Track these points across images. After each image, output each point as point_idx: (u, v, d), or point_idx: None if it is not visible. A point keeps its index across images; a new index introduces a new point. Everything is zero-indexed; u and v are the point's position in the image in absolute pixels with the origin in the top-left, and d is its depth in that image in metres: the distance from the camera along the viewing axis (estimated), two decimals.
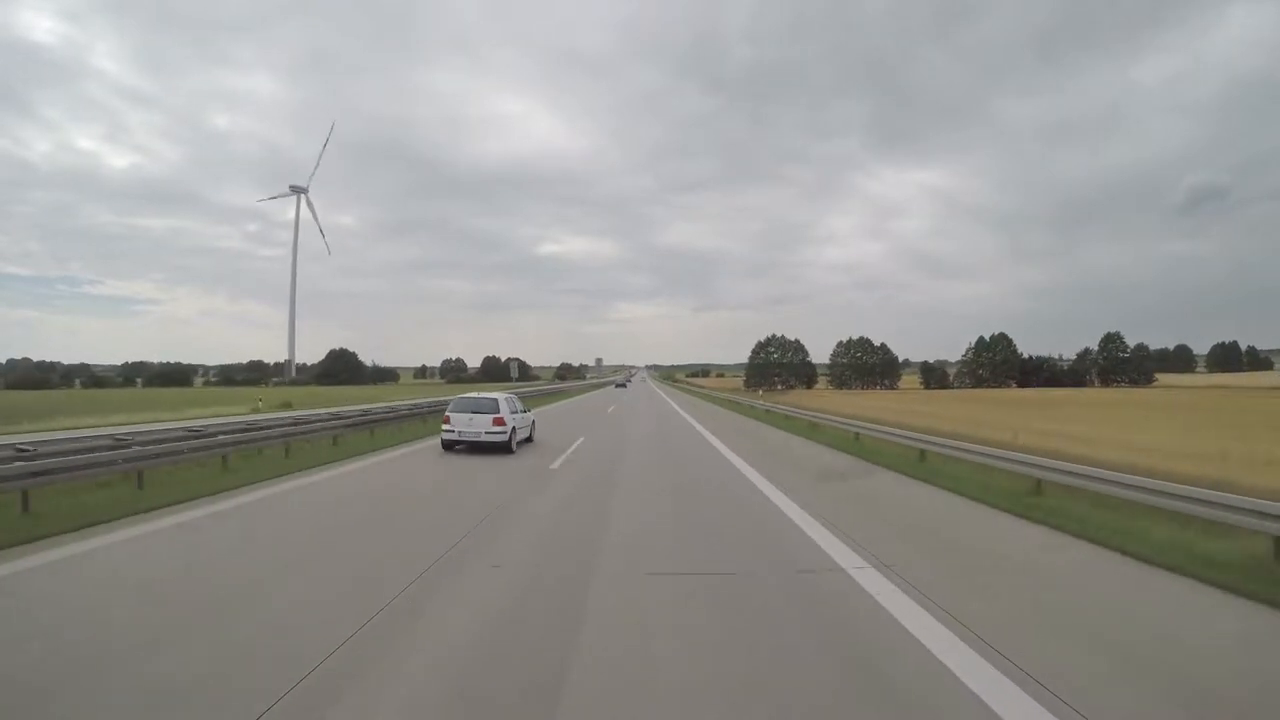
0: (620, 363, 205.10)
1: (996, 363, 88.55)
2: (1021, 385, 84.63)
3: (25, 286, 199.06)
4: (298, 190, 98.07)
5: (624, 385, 67.05)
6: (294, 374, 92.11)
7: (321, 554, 4.16)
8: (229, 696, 2.22)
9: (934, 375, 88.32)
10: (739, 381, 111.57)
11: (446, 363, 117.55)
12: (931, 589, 3.42)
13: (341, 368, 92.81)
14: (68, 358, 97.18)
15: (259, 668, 2.46)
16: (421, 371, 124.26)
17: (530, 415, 11.75)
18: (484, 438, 9.33)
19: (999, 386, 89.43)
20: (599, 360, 67.22)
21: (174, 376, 79.81)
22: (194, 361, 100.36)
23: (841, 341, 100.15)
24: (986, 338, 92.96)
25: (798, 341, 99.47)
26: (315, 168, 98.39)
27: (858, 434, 11.79)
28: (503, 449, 9.31)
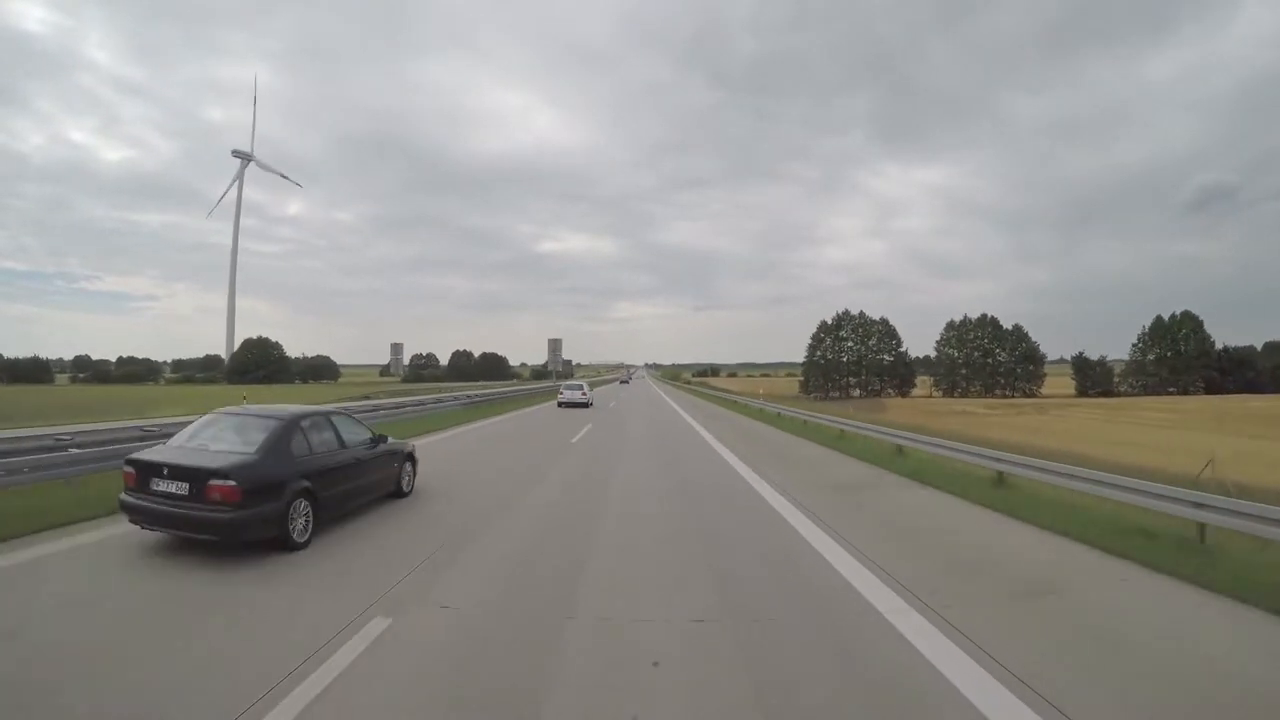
0: (620, 360, 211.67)
1: (1185, 357, 62.41)
2: (1211, 390, 63.98)
3: (22, 282, 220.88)
4: (241, 156, 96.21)
5: (627, 382, 76.40)
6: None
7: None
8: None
9: (1090, 375, 63.25)
10: (771, 383, 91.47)
11: (416, 358, 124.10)
12: None
13: (257, 362, 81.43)
14: (67, 354, 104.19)
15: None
16: (388, 368, 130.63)
17: (593, 392, 27.97)
18: (577, 400, 23.74)
19: (1184, 391, 65.93)
20: (555, 344, 42.80)
21: (26, 373, 63.38)
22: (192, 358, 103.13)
23: (952, 323, 74.18)
24: (1165, 318, 69.86)
25: (884, 322, 73.83)
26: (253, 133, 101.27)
27: None
28: (585, 405, 23.36)
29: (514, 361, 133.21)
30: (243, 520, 4.21)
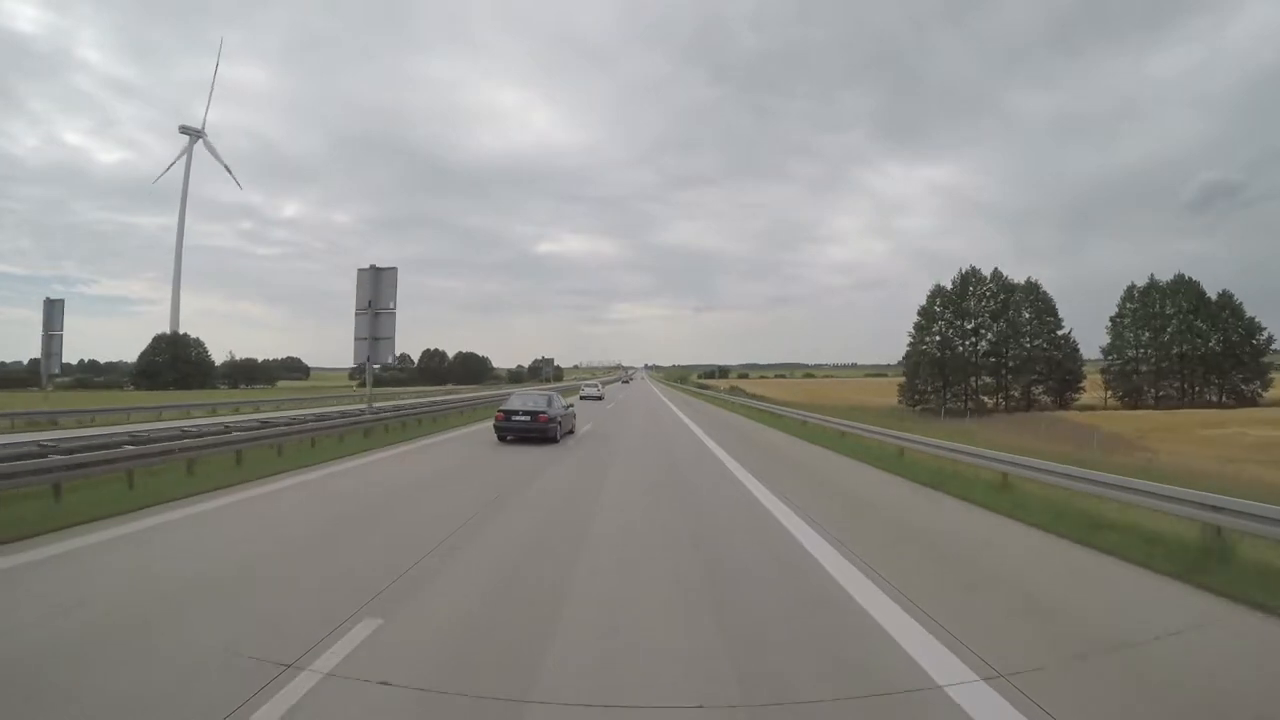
0: (618, 362, 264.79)
1: None
2: None
3: (20, 285, 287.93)
4: (190, 132, 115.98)
5: (628, 382, 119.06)
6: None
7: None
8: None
9: None
10: (838, 387, 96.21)
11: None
12: None
13: (169, 363, 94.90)
14: (69, 358, 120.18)
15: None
16: (359, 370, 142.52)
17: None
18: (594, 394, 52.29)
19: None
20: (372, 277, 16.22)
21: None
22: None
23: (1132, 290, 74.18)
24: None
25: (1033, 287, 72.00)
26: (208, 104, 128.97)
27: None
28: (599, 399, 51.32)
29: (510, 363, 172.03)
30: (547, 428, 17.80)
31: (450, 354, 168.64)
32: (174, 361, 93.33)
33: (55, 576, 6.47)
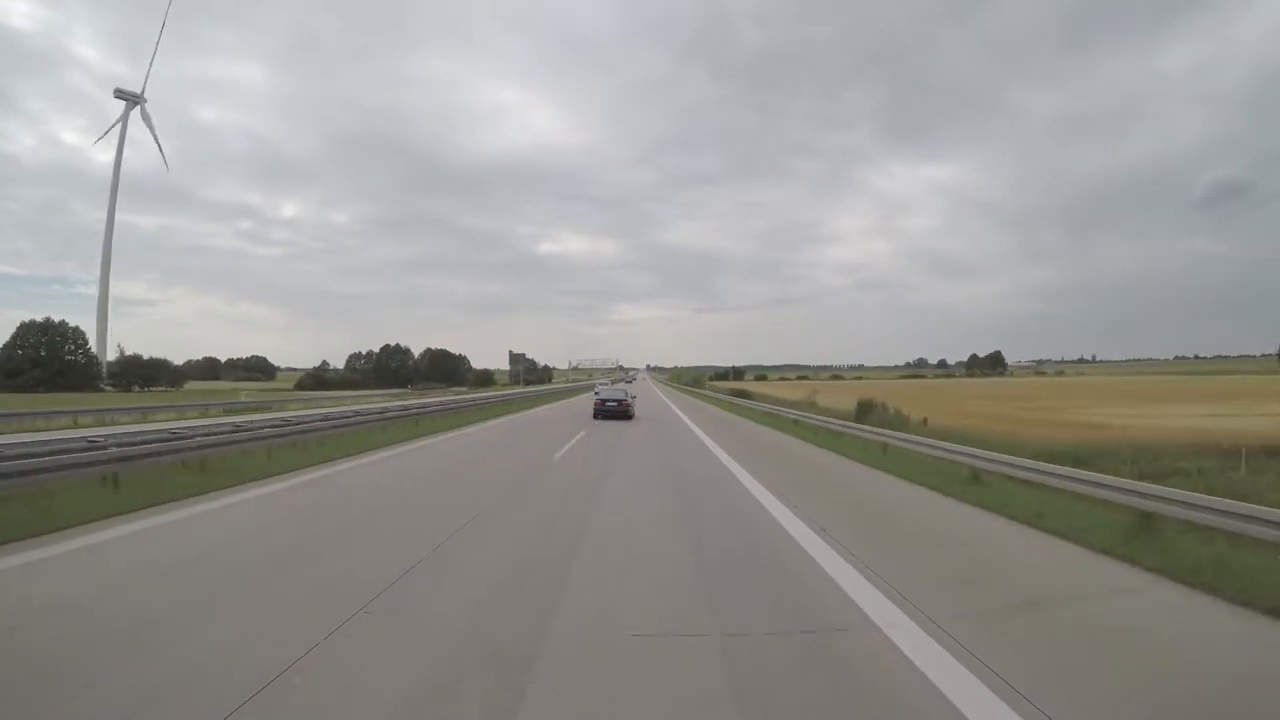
0: (618, 363, 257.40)
1: None
2: None
3: (19, 286, 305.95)
4: (127, 98, 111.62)
5: (630, 382, 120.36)
6: (104, 372, 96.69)
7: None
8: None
9: None
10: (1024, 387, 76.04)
11: (354, 358, 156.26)
12: None
13: (35, 358, 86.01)
14: None
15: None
16: (322, 367, 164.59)
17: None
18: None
19: None
20: None
21: None
22: None
23: None
24: None
25: None
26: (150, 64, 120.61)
27: None
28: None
29: (504, 366, 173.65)
30: (628, 410, 37.70)
31: (418, 351, 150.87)
32: (50, 357, 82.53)
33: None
